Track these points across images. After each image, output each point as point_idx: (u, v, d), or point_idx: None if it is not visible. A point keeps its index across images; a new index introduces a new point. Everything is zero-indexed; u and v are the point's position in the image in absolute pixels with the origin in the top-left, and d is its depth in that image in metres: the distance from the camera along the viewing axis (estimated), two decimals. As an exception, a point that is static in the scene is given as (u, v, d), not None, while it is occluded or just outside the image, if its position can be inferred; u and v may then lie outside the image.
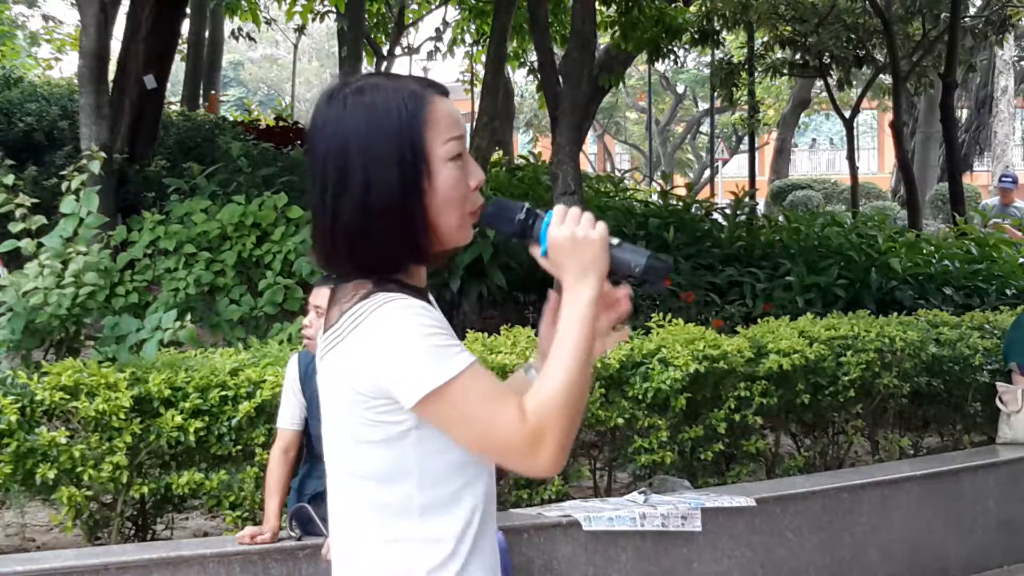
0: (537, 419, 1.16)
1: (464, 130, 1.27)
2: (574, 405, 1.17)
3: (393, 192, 1.21)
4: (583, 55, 5.87)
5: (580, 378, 1.17)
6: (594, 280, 1.22)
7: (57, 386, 3.09)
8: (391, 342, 1.17)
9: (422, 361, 1.16)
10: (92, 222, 4.21)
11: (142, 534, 3.36)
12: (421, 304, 1.21)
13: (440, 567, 1.21)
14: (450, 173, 1.23)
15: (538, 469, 1.17)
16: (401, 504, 1.22)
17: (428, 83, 1.27)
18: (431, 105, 1.23)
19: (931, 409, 4.83)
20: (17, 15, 18.79)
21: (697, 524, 3.49)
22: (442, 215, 1.23)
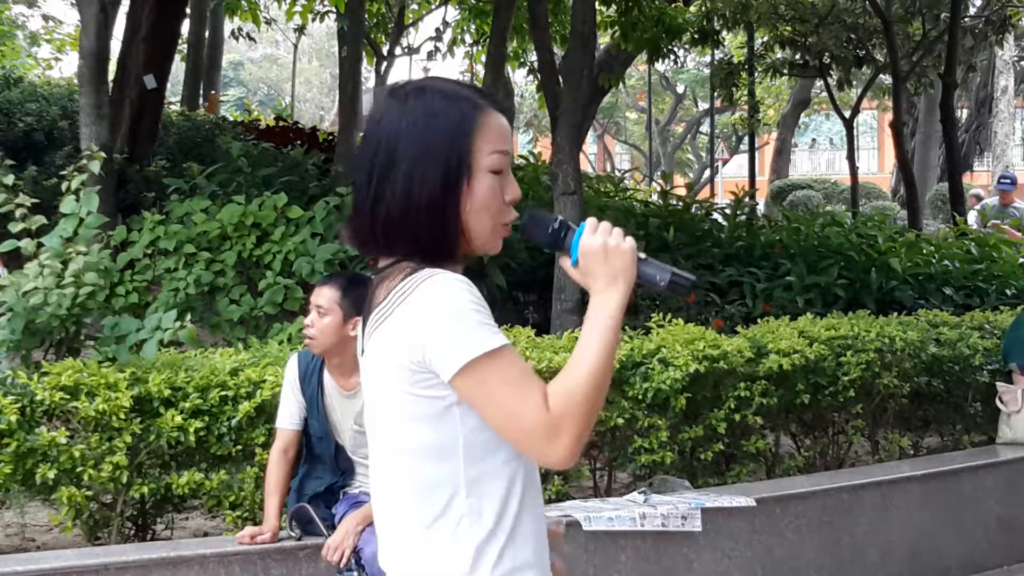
0: (559, 409, 1.21)
1: (510, 147, 1.35)
2: (595, 400, 1.23)
3: (435, 188, 1.29)
4: (583, 55, 5.87)
5: (603, 376, 1.24)
6: (624, 287, 1.29)
7: (57, 386, 3.09)
8: (434, 313, 1.24)
9: (461, 333, 1.23)
10: (92, 222, 4.21)
11: (142, 534, 3.36)
12: (466, 280, 1.27)
13: (485, 542, 1.27)
14: (489, 183, 1.32)
15: (554, 459, 1.22)
16: (447, 480, 1.27)
17: (485, 95, 1.36)
18: (484, 116, 1.32)
19: (931, 409, 4.83)
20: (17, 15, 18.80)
21: (697, 524, 3.49)
22: (475, 220, 1.31)
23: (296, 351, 3.26)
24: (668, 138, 28.42)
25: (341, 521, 2.91)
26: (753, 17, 10.59)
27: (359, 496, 2.99)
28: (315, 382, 2.99)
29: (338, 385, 2.97)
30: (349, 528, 2.84)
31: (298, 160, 7.85)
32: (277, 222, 5.26)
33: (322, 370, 2.99)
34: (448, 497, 1.27)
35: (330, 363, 2.97)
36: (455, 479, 1.27)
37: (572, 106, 5.73)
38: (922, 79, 11.73)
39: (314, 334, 2.90)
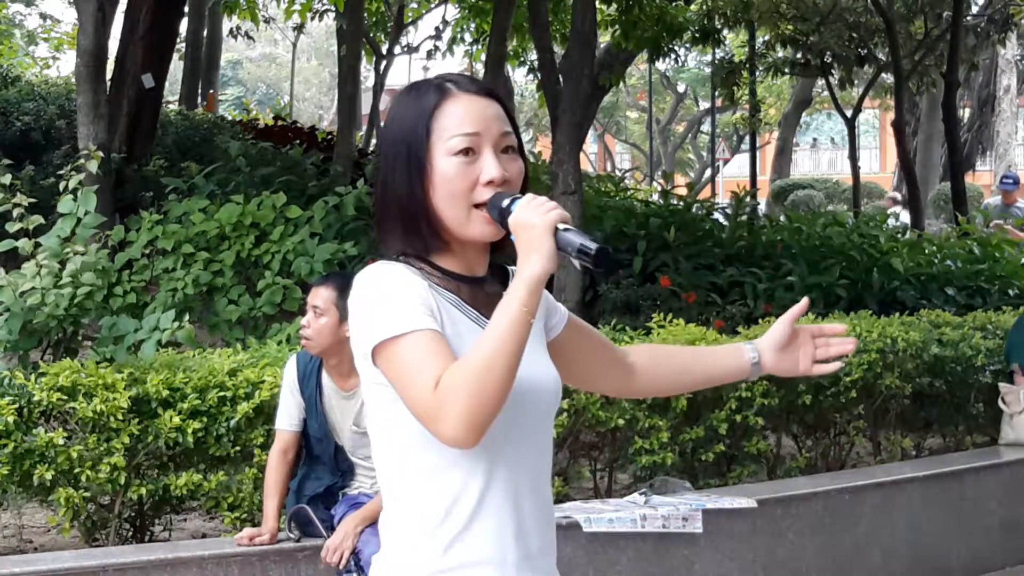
0: (444, 389, 1.20)
1: (483, 127, 1.33)
2: (484, 378, 1.20)
3: (402, 181, 1.33)
4: (583, 54, 5.85)
5: (501, 353, 1.21)
6: (535, 262, 1.24)
7: (55, 387, 3.07)
8: (355, 303, 1.29)
9: (371, 320, 1.26)
10: (90, 222, 4.19)
11: (140, 535, 3.34)
12: (404, 270, 1.29)
13: (430, 532, 1.28)
14: (451, 166, 1.31)
15: (443, 438, 1.22)
16: (398, 467, 1.30)
17: (460, 80, 1.36)
18: (447, 101, 1.33)
19: (933, 410, 4.81)
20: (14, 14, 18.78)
21: (698, 525, 3.48)
22: (443, 205, 1.31)
23: (295, 352, 3.25)
24: (669, 137, 28.42)
25: (340, 522, 2.89)
26: (754, 16, 10.57)
27: (358, 497, 2.97)
28: (314, 383, 2.97)
29: (336, 386, 2.96)
30: (348, 529, 2.83)
31: (297, 159, 7.84)
32: (276, 222, 5.24)
33: (320, 371, 2.97)
34: (399, 483, 1.30)
35: (328, 364, 2.95)
36: (405, 467, 1.29)
37: (572, 105, 5.71)
38: (924, 78, 11.72)
39: (311, 335, 2.88)
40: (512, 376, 1.22)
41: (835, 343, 1.54)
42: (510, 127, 1.36)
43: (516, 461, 1.31)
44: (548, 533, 1.38)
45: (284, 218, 5.30)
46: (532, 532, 1.33)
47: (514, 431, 1.30)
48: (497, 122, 1.34)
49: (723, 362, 1.52)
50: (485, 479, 1.28)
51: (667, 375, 1.53)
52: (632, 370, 1.51)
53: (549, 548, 1.38)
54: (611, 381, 1.53)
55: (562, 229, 1.26)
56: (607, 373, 1.51)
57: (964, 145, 17.24)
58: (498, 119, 1.34)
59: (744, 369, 1.52)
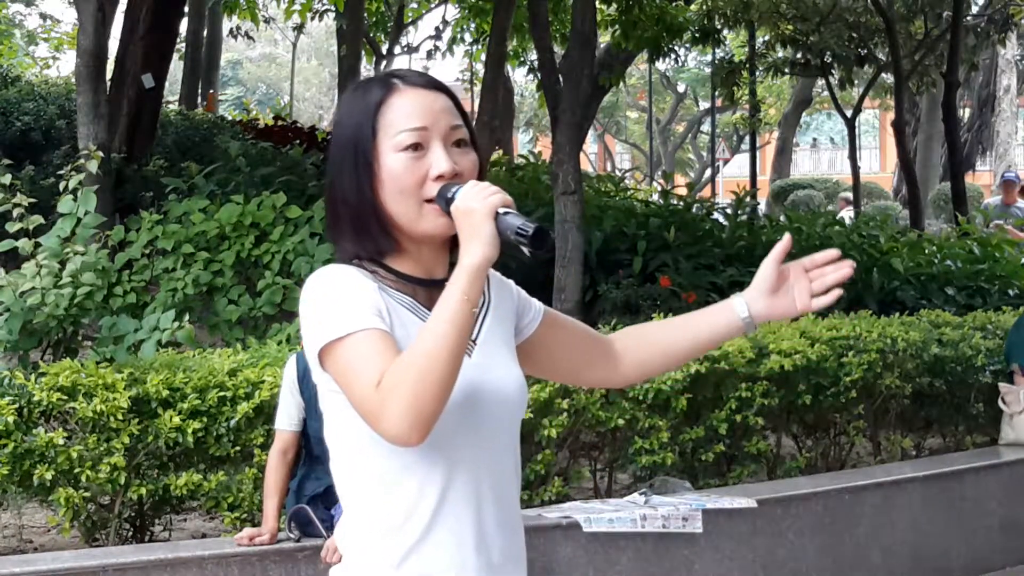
0: (385, 384, 1.17)
1: (430, 121, 1.29)
2: (425, 373, 1.17)
3: (350, 184, 1.29)
4: (583, 54, 5.85)
5: (442, 345, 1.17)
6: (476, 248, 1.21)
7: (55, 387, 3.07)
8: (302, 307, 1.27)
9: (321, 320, 1.24)
10: (90, 222, 4.19)
11: (140, 535, 3.34)
12: (353, 272, 1.27)
13: (385, 539, 1.25)
14: (398, 162, 1.28)
15: (386, 435, 1.18)
16: (353, 474, 1.28)
17: (407, 75, 1.33)
18: (393, 96, 1.30)
19: (933, 410, 4.81)
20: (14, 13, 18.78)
21: (698, 525, 3.48)
22: (392, 202, 1.28)
23: (295, 351, 3.24)
24: (669, 137, 28.41)
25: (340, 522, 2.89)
26: (754, 16, 10.57)
27: (358, 498, 2.97)
28: (313, 383, 2.97)
29: (337, 386, 2.95)
30: (348, 530, 2.82)
31: (297, 159, 7.83)
32: (276, 222, 5.24)
33: (320, 371, 2.97)
34: (354, 492, 1.28)
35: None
36: (359, 475, 1.27)
37: (572, 105, 5.71)
38: (924, 78, 11.72)
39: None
40: (455, 368, 1.18)
41: (830, 271, 1.40)
42: (460, 120, 1.32)
43: (476, 468, 1.27)
44: (514, 542, 1.32)
45: (284, 218, 5.29)
46: (495, 541, 1.28)
47: (473, 437, 1.27)
48: (446, 115, 1.30)
49: (712, 326, 1.42)
50: (442, 487, 1.25)
51: (655, 354, 1.45)
52: (619, 357, 1.45)
53: (515, 557, 1.32)
54: (599, 372, 1.47)
55: (502, 213, 1.22)
56: (593, 364, 1.46)
57: (964, 145, 17.23)
58: (447, 112, 1.30)
59: (735, 327, 1.41)
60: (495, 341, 1.33)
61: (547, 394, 3.53)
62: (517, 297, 1.41)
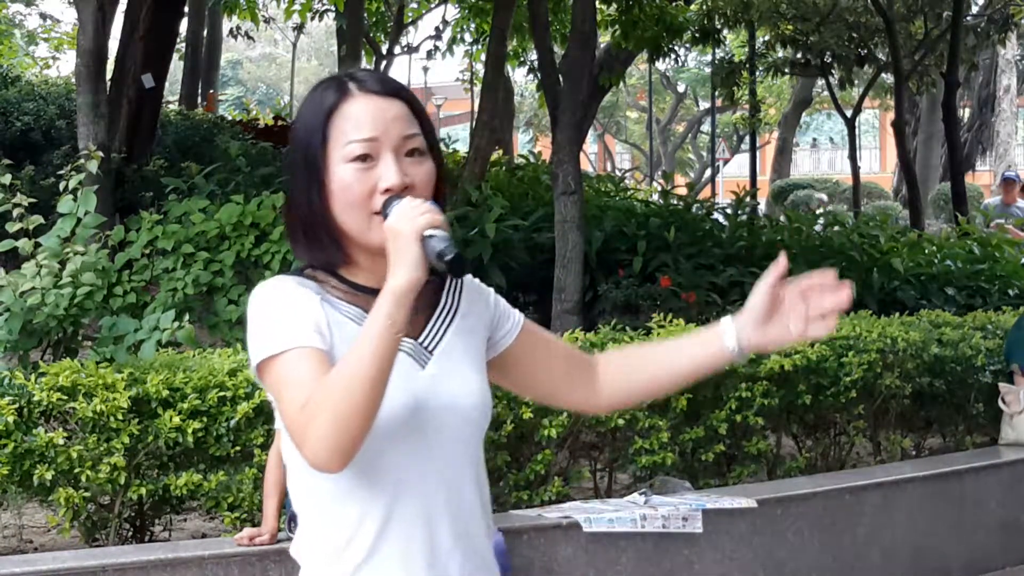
0: (307, 408, 1.15)
1: (381, 130, 1.25)
2: (346, 398, 1.13)
3: (301, 192, 1.27)
4: (583, 54, 5.85)
5: (362, 371, 1.13)
6: (401, 271, 1.17)
7: (55, 387, 3.07)
8: (248, 320, 1.25)
9: (253, 340, 1.22)
10: (90, 222, 4.19)
11: (140, 535, 3.34)
12: (293, 285, 1.24)
13: (337, 556, 1.24)
14: (348, 174, 1.24)
15: (307, 461, 1.16)
16: (302, 488, 1.27)
17: (357, 79, 1.28)
18: (343, 104, 1.26)
19: (933, 410, 4.81)
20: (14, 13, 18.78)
21: (698, 525, 3.48)
22: (342, 214, 1.25)
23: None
24: (669, 137, 28.41)
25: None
26: (754, 16, 10.57)
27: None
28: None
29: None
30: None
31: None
32: (276, 222, 5.23)
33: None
34: (303, 508, 1.27)
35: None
36: (305, 492, 1.26)
37: (572, 105, 5.71)
38: (924, 78, 11.72)
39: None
40: (375, 394, 1.13)
41: (829, 294, 1.33)
42: (416, 128, 1.27)
43: (427, 484, 1.23)
44: (477, 553, 1.28)
45: (284, 218, 5.29)
46: (452, 556, 1.25)
47: (423, 452, 1.23)
48: (398, 124, 1.25)
49: (698, 360, 1.36)
50: (386, 508, 1.22)
51: (638, 385, 1.39)
52: (601, 384, 1.38)
53: (480, 568, 1.28)
54: (578, 395, 1.40)
55: (427, 236, 1.17)
56: (573, 387, 1.39)
57: (964, 145, 17.23)
58: (400, 120, 1.26)
59: (723, 359, 1.35)
60: (456, 352, 1.29)
61: (547, 394, 3.53)
62: (494, 307, 1.36)
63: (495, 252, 5.76)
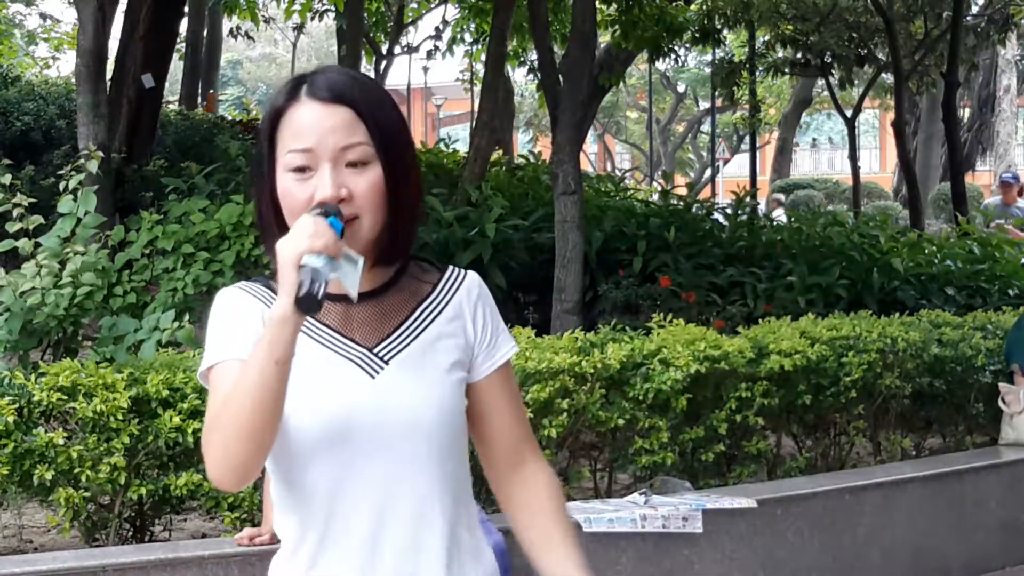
0: (206, 426, 1.18)
1: (317, 141, 1.22)
2: (230, 422, 1.13)
3: (258, 197, 1.28)
4: (583, 54, 5.85)
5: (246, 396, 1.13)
6: (281, 297, 1.14)
7: (54, 387, 3.07)
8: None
9: (205, 346, 1.26)
10: (90, 222, 4.19)
11: (140, 535, 3.34)
12: (237, 295, 1.27)
13: (289, 559, 1.26)
14: (284, 183, 1.23)
15: (210, 479, 1.19)
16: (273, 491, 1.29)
17: (310, 82, 1.26)
18: (289, 110, 1.24)
19: (933, 410, 4.81)
20: (14, 13, 18.78)
21: (698, 525, 3.48)
22: (289, 222, 1.22)
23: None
24: (669, 137, 28.41)
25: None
26: (754, 16, 10.57)
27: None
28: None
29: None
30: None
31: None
32: (276, 222, 5.23)
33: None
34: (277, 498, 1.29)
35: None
36: (278, 487, 1.28)
37: (572, 105, 5.70)
38: (924, 78, 11.72)
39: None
40: (262, 420, 1.12)
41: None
42: (361, 136, 1.22)
43: (366, 498, 1.21)
44: (440, 563, 1.25)
45: (284, 218, 5.29)
46: (403, 568, 1.23)
47: (358, 466, 1.21)
48: (337, 134, 1.21)
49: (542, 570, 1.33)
50: (324, 514, 1.21)
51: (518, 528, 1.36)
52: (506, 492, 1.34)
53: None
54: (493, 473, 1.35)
55: (302, 264, 1.12)
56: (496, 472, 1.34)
57: (964, 145, 17.24)
58: (340, 130, 1.21)
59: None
60: (417, 362, 1.26)
61: (547, 394, 3.53)
62: (482, 330, 1.31)
63: (495, 252, 5.76)
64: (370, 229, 1.24)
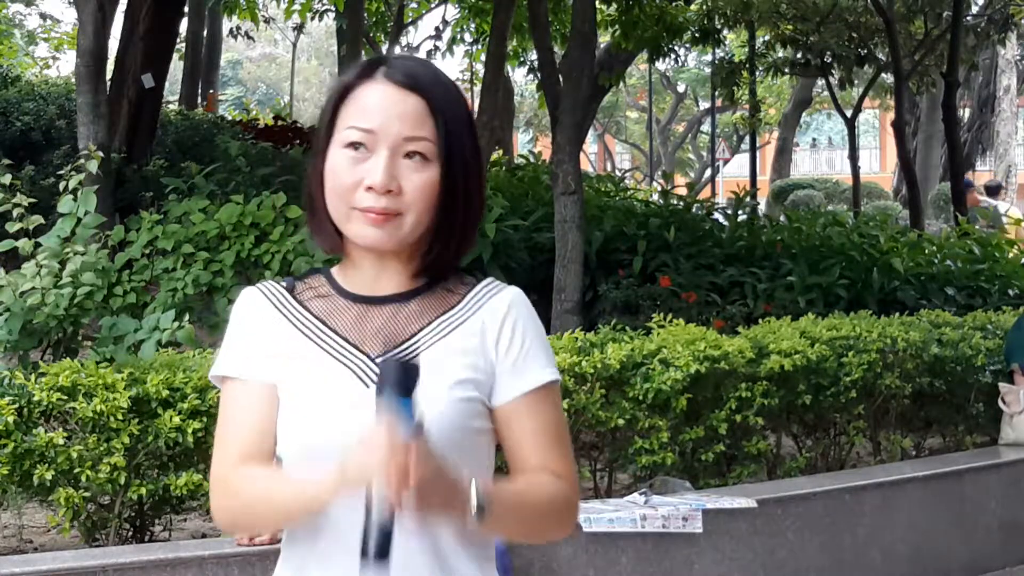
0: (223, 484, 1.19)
1: (381, 124, 1.16)
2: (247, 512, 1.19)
3: (311, 170, 1.21)
4: (583, 54, 5.85)
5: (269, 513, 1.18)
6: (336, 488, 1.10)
7: (55, 387, 3.07)
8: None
9: (221, 346, 1.26)
10: (90, 222, 4.19)
11: (140, 535, 3.34)
12: (249, 300, 1.25)
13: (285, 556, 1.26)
14: (336, 159, 1.17)
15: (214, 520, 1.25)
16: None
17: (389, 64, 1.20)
18: (359, 87, 1.19)
19: (933, 410, 4.81)
20: (14, 13, 18.78)
21: (698, 525, 3.48)
22: (329, 201, 1.19)
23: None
24: (669, 137, 28.41)
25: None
26: (754, 16, 10.58)
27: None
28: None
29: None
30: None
31: (297, 159, 7.84)
32: (276, 222, 5.24)
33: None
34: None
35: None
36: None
37: (572, 105, 5.71)
38: (924, 78, 11.72)
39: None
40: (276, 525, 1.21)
41: None
42: (428, 131, 1.16)
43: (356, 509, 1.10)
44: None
45: (284, 218, 5.29)
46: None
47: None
48: (404, 122, 1.15)
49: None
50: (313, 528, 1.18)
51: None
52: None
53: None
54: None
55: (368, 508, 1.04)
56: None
57: (964, 145, 17.23)
58: (408, 119, 1.16)
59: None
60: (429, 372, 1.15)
61: (547, 394, 3.52)
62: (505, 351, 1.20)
63: (495, 252, 5.76)
64: (411, 230, 1.17)
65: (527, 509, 1.18)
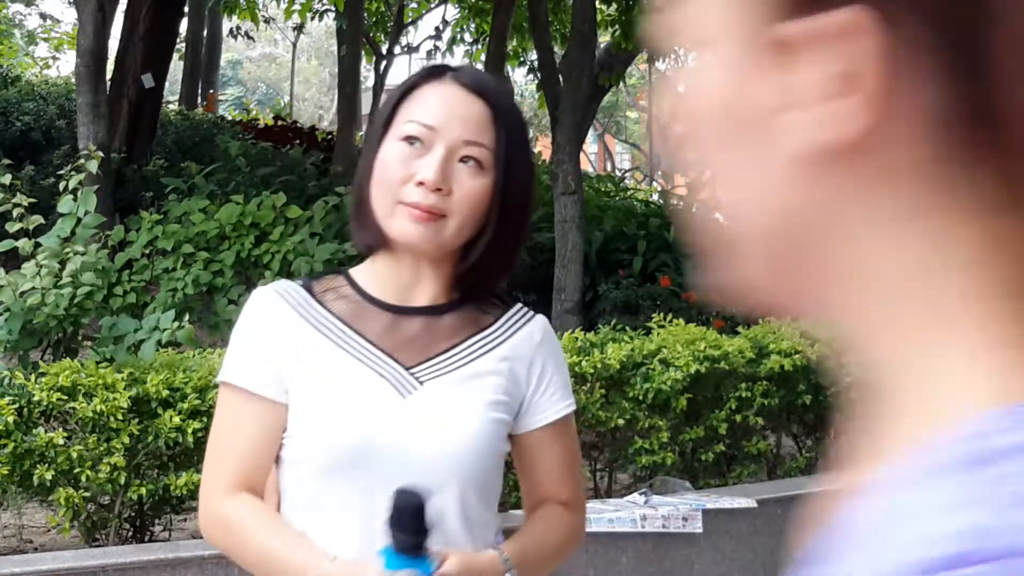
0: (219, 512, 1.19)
1: (443, 122, 1.15)
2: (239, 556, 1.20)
3: (363, 164, 1.19)
4: (583, 54, 5.85)
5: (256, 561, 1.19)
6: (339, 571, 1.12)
7: (54, 387, 3.07)
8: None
9: (229, 347, 1.22)
10: (90, 222, 4.19)
11: (140, 535, 3.34)
12: (266, 302, 1.19)
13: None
14: (390, 150, 1.16)
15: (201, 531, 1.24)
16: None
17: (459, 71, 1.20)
18: (425, 85, 1.18)
19: (933, 409, 4.81)
20: (14, 13, 18.78)
21: (698, 525, 3.48)
22: (374, 192, 1.16)
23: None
24: (668, 137, 28.38)
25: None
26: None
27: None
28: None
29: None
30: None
31: (297, 159, 7.85)
32: (276, 222, 5.24)
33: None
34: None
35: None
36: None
37: (572, 105, 5.71)
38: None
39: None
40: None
41: None
42: (488, 139, 1.15)
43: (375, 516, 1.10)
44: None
45: (284, 218, 5.30)
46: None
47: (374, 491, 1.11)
48: (466, 125, 1.15)
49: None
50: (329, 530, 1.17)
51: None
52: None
53: None
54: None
55: None
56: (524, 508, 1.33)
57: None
58: (471, 122, 1.15)
59: None
60: (456, 390, 1.17)
61: (547, 394, 3.53)
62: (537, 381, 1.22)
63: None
64: (453, 234, 1.15)
65: (545, 558, 1.23)
